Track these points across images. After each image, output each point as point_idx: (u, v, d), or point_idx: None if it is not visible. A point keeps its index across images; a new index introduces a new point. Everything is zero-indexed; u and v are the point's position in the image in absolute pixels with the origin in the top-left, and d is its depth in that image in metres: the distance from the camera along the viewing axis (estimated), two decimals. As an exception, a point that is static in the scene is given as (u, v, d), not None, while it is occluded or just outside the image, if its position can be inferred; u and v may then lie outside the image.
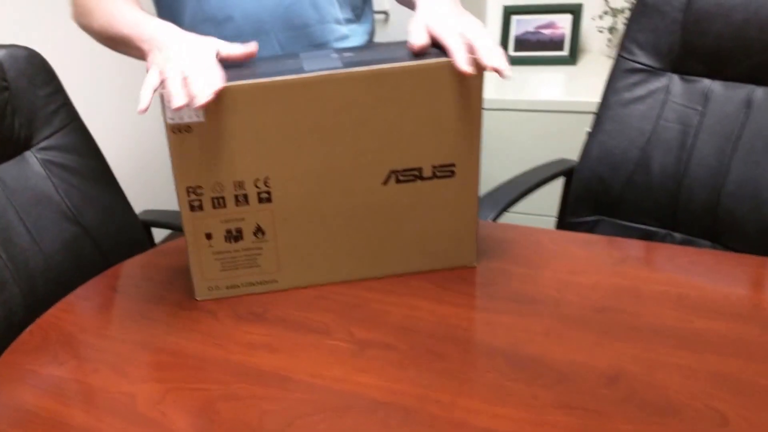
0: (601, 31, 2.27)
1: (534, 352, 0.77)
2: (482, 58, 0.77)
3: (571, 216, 1.32)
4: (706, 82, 1.20)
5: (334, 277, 0.91)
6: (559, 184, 1.36)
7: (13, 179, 1.06)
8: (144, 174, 2.23)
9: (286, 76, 0.79)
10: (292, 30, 1.06)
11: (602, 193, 1.27)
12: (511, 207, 1.23)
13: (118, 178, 1.19)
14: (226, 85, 0.78)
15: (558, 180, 1.35)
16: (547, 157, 1.41)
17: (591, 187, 1.29)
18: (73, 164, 1.12)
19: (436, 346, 0.79)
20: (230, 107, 0.79)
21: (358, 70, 0.79)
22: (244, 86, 0.78)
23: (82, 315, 0.91)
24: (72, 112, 1.14)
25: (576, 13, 2.19)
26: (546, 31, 2.24)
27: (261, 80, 0.78)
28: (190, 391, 0.75)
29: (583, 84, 2.05)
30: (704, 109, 1.19)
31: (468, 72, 0.77)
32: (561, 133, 1.94)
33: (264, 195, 0.85)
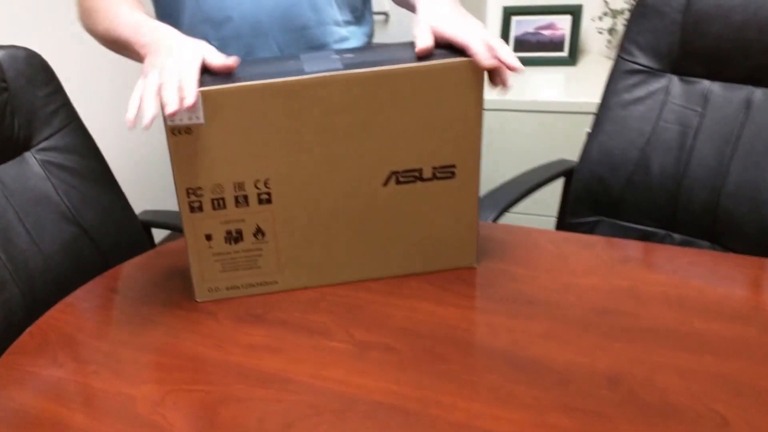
0: (601, 33, 2.27)
1: (534, 354, 0.77)
2: (501, 56, 0.79)
3: (571, 216, 1.32)
4: (706, 83, 1.20)
5: (335, 279, 0.91)
6: (559, 185, 1.36)
7: (13, 180, 1.06)
8: (144, 174, 2.23)
9: (286, 78, 0.79)
10: (291, 31, 1.05)
11: (602, 193, 1.27)
12: (512, 207, 1.24)
13: (118, 178, 1.19)
14: (227, 87, 0.78)
15: (558, 180, 1.35)
16: (547, 158, 1.42)
17: (591, 188, 1.29)
18: (73, 165, 1.12)
19: (437, 347, 0.79)
20: (230, 108, 0.79)
21: (359, 71, 0.79)
22: (245, 87, 0.78)
23: (81, 316, 0.91)
24: (71, 113, 1.14)
25: (576, 14, 2.19)
26: (546, 32, 2.24)
27: (261, 81, 0.78)
28: (190, 393, 0.75)
29: (582, 85, 2.05)
30: (704, 110, 1.19)
31: (495, 66, 0.79)
32: (561, 134, 1.95)
33: (264, 196, 0.85)
